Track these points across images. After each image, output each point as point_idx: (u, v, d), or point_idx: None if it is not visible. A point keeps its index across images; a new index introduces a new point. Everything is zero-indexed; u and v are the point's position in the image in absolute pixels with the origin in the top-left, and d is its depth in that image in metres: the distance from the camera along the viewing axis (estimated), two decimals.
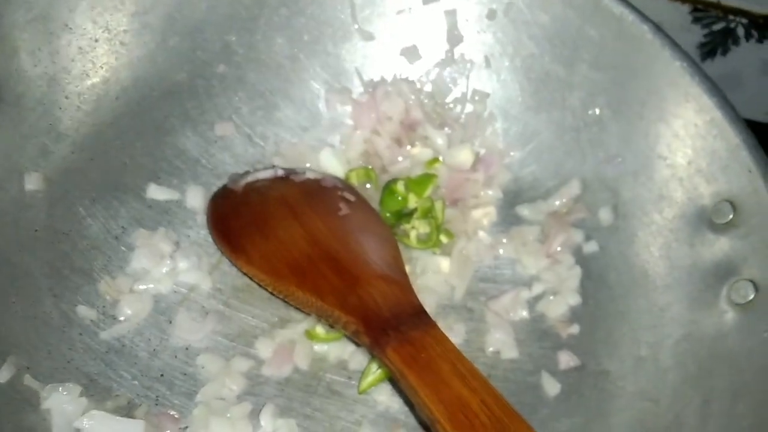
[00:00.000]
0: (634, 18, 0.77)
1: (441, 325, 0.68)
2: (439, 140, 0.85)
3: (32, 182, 0.73)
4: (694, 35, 1.05)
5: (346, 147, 0.86)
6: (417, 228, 0.81)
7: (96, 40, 0.77)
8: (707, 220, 0.74)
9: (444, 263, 0.81)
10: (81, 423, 0.66)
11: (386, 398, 0.74)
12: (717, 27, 1.04)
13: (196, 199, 0.81)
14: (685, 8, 1.04)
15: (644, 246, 0.78)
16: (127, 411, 0.69)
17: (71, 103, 0.76)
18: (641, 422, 0.71)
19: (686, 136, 0.76)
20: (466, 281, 0.80)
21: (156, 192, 0.80)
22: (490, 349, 0.77)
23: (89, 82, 0.77)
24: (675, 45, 0.76)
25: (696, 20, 1.04)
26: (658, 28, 0.76)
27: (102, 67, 0.77)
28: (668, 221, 0.77)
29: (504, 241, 0.82)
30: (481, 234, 0.83)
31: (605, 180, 0.81)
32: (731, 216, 0.71)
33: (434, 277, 0.80)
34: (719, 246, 0.72)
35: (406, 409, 0.73)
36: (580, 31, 0.79)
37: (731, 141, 0.72)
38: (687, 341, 0.72)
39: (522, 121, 0.85)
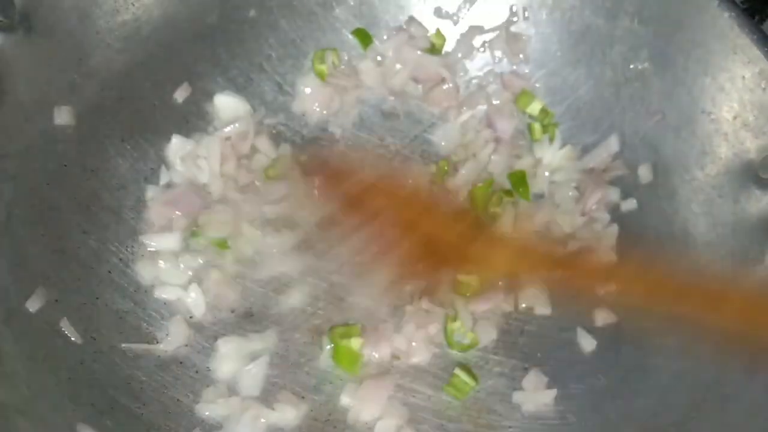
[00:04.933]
0: None
1: None
2: None
3: (61, 116, 0.71)
4: None
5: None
6: None
7: None
8: (753, 175, 0.72)
9: None
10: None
11: None
12: None
13: None
14: None
15: (684, 203, 0.76)
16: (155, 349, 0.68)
17: (102, 40, 0.74)
18: (681, 379, 0.69)
19: (732, 90, 0.73)
20: None
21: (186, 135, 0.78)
22: (523, 305, 0.75)
23: (120, 19, 0.75)
24: None
25: None
26: None
27: (134, 4, 0.75)
28: (711, 177, 0.75)
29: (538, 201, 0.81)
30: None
31: (645, 136, 0.79)
32: None
33: None
34: (767, 201, 0.71)
35: None
36: None
37: None
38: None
39: (560, 76, 0.83)
